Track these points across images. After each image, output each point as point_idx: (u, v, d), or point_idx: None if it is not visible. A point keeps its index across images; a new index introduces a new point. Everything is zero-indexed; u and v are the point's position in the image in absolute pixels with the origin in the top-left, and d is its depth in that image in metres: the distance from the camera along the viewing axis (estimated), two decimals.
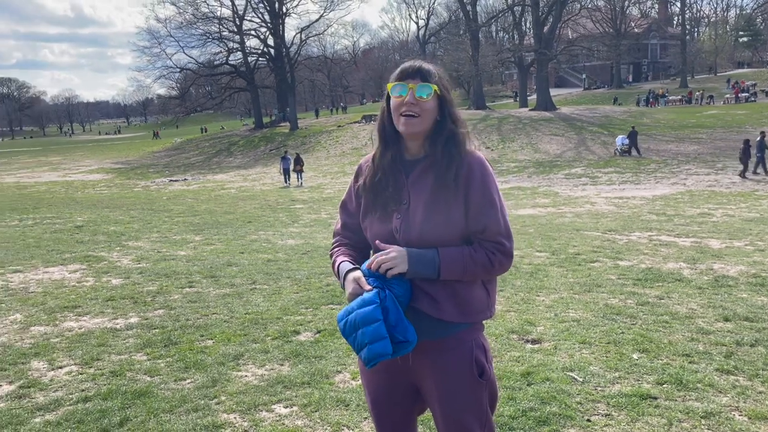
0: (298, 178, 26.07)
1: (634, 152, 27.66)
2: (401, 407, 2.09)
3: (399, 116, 1.90)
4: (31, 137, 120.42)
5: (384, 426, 2.11)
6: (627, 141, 27.81)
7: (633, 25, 69.16)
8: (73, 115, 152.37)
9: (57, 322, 5.42)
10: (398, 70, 1.94)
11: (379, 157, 2.00)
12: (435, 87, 1.89)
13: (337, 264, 2.01)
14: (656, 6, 76.22)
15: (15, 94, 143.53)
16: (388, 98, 1.95)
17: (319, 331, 4.94)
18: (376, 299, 1.81)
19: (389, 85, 1.93)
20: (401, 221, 1.92)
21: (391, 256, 1.83)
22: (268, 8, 50.25)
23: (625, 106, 47.16)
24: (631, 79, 71.23)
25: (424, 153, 1.95)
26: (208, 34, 50.00)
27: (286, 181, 26.03)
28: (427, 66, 1.92)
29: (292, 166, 26.19)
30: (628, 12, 67.32)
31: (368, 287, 1.84)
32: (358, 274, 1.89)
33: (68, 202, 19.40)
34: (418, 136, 1.93)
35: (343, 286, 1.94)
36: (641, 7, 74.65)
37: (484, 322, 2.02)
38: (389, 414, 2.09)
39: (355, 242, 2.09)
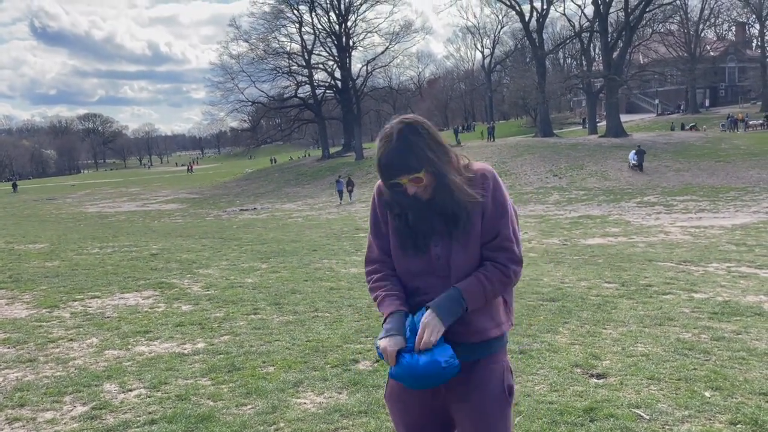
0: (350, 196, 31.60)
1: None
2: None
3: None
4: (112, 169, 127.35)
5: None
6: (636, 157, 30.72)
7: (708, 48, 66.82)
8: (152, 147, 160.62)
9: (129, 347, 5.65)
10: (380, 167, 1.91)
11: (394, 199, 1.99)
12: (421, 174, 1.87)
13: (386, 306, 2.00)
14: (733, 28, 73.46)
15: (99, 128, 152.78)
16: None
17: (377, 360, 4.94)
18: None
19: (382, 183, 1.97)
20: (440, 248, 1.98)
21: (428, 330, 1.85)
22: (335, 43, 51.73)
23: (701, 132, 45.39)
24: (707, 104, 68.63)
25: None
26: (278, 69, 51.91)
27: (340, 200, 31.69)
28: (405, 159, 1.85)
29: (345, 188, 32.22)
30: (703, 35, 65.17)
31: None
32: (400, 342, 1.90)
33: (145, 230, 20.32)
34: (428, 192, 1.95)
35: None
36: (717, 30, 72.17)
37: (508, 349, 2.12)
38: None
39: (393, 267, 2.08)
